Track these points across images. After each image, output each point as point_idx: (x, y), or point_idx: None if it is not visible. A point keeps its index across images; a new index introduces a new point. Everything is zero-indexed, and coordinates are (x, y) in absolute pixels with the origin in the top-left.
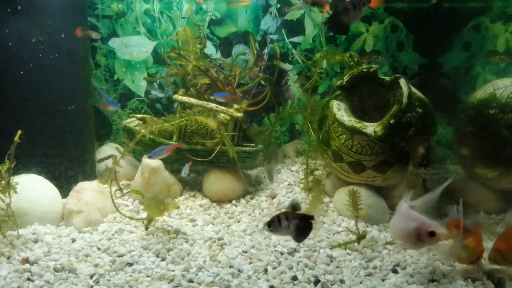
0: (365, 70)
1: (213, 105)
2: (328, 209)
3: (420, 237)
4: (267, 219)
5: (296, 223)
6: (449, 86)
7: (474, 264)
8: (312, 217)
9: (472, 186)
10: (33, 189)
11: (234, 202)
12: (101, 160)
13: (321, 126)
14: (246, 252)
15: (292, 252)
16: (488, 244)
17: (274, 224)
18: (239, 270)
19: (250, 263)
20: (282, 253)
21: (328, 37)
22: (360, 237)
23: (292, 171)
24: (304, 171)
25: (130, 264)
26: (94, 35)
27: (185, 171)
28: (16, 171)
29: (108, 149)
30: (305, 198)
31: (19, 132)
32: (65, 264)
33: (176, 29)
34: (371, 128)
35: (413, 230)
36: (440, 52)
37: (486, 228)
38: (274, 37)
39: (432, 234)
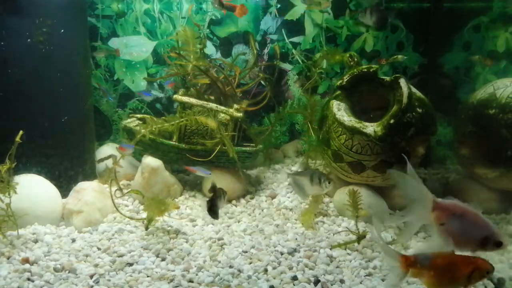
0: (365, 70)
1: (213, 105)
2: (328, 209)
3: (486, 246)
4: (267, 219)
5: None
6: (449, 86)
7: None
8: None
9: (472, 186)
10: (33, 189)
11: (234, 202)
12: (101, 160)
13: (321, 126)
14: (246, 252)
15: (292, 252)
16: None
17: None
18: (239, 270)
19: (250, 263)
20: (282, 253)
21: (328, 37)
22: (360, 237)
23: (292, 171)
24: None
25: (130, 264)
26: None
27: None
28: (16, 171)
29: (108, 149)
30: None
31: (21, 132)
32: (65, 264)
33: (176, 29)
34: (371, 128)
35: (482, 238)
36: (440, 52)
37: None
38: (274, 37)
39: (499, 244)
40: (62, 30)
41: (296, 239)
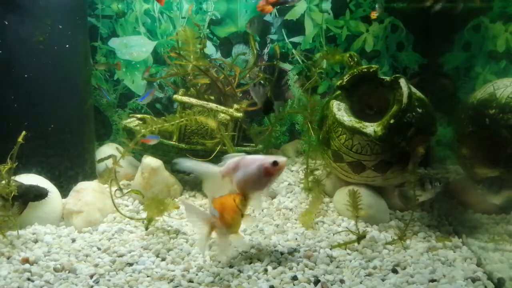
0: (365, 70)
1: (213, 105)
2: (328, 209)
3: (268, 171)
4: (267, 219)
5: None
6: (449, 86)
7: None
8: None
9: (472, 186)
10: None
11: None
12: (101, 160)
13: (321, 126)
14: (246, 252)
15: (292, 252)
16: (488, 245)
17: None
18: (239, 270)
19: (250, 263)
20: (282, 253)
21: (328, 37)
22: (360, 237)
23: (292, 171)
24: (304, 171)
25: (130, 264)
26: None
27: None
28: (16, 171)
29: (108, 149)
30: (305, 198)
31: (23, 133)
32: (65, 264)
33: (176, 29)
34: (371, 128)
35: (259, 168)
36: (440, 52)
37: (486, 229)
38: (274, 37)
39: (275, 163)
40: (62, 30)
41: (296, 239)
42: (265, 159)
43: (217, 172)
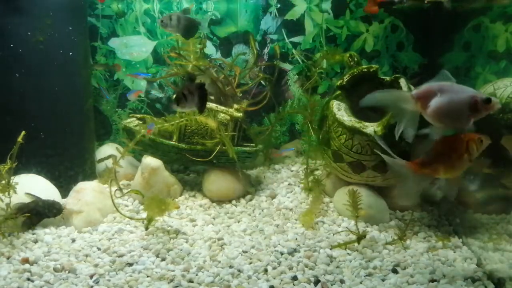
0: (365, 70)
1: (213, 105)
2: (328, 209)
3: (476, 107)
4: (267, 219)
5: (198, 93)
6: None
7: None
8: (204, 84)
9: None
10: (33, 189)
11: (234, 202)
12: (101, 160)
13: (321, 126)
14: (246, 252)
15: (292, 252)
16: (488, 245)
17: (181, 101)
18: (239, 270)
19: (250, 263)
20: (282, 253)
21: (328, 37)
22: (360, 237)
23: (292, 171)
24: (304, 171)
25: (130, 264)
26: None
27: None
28: (16, 171)
29: (108, 149)
30: (305, 198)
31: (23, 132)
32: (65, 264)
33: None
34: (371, 128)
35: (468, 100)
36: (440, 52)
37: (487, 229)
38: (274, 37)
39: (488, 101)
40: (62, 30)
41: (296, 239)
42: (477, 93)
43: (407, 96)
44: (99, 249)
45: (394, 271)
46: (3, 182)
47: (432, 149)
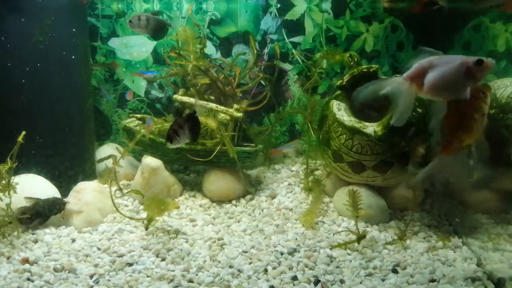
0: (365, 70)
1: (213, 105)
2: (328, 209)
3: (470, 71)
4: (267, 219)
5: (189, 125)
6: None
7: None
8: (195, 112)
9: (472, 186)
10: (33, 189)
11: (234, 202)
12: (101, 160)
13: (321, 126)
14: (246, 252)
15: (292, 252)
16: (488, 245)
17: (174, 138)
18: (239, 270)
19: (250, 263)
20: (282, 253)
21: (328, 37)
22: (360, 237)
23: (292, 171)
24: (304, 171)
25: (130, 264)
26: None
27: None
28: (16, 171)
29: (108, 149)
30: (305, 198)
31: (23, 132)
32: (65, 264)
33: (176, 29)
34: (371, 128)
35: (460, 67)
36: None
37: (487, 229)
38: (274, 37)
39: (480, 62)
40: (62, 30)
41: (296, 239)
42: (467, 58)
43: (400, 81)
44: (99, 249)
45: (394, 271)
46: (3, 182)
47: (445, 125)
